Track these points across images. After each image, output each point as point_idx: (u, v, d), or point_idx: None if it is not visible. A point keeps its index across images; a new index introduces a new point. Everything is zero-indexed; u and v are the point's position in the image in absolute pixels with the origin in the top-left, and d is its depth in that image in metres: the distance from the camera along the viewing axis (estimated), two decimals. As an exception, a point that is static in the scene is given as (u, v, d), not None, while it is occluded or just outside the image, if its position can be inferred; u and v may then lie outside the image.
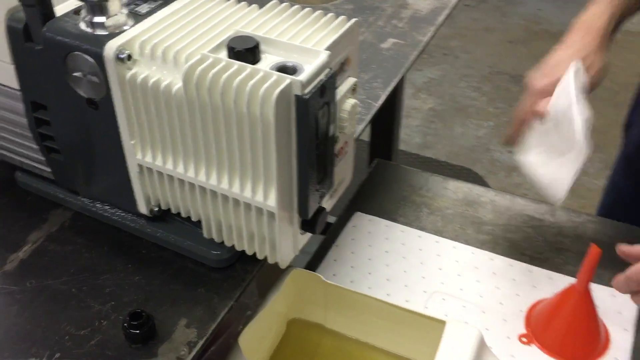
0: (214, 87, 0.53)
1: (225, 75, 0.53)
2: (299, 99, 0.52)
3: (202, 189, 0.60)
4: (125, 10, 0.59)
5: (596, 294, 0.78)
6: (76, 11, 0.60)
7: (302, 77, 0.52)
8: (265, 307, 0.70)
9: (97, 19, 0.57)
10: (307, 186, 0.57)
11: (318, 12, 0.61)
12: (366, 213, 0.98)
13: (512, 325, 0.84)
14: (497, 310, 0.87)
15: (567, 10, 2.72)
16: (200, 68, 0.53)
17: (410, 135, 2.25)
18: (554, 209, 0.99)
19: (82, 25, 0.58)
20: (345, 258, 0.91)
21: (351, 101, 0.59)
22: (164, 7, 0.61)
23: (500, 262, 0.93)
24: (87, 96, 0.60)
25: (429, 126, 2.24)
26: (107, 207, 0.70)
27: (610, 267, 0.78)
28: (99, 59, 0.56)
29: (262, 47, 0.56)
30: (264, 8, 0.62)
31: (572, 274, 0.92)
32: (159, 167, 0.61)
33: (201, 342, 0.59)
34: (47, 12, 0.58)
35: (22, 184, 0.74)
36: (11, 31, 0.60)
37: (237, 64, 0.53)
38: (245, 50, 0.54)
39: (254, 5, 0.63)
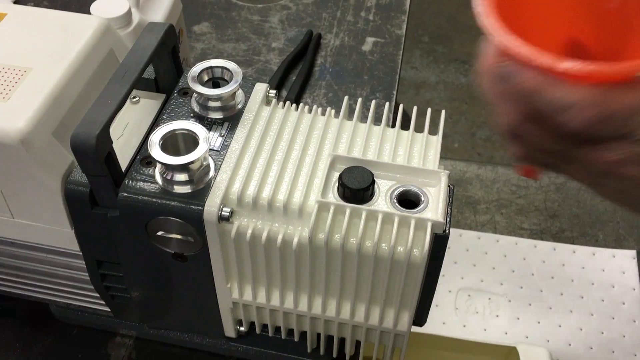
0: (348, 237, 0.49)
1: (361, 226, 0.48)
2: (438, 237, 0.49)
3: (315, 318, 0.57)
4: (205, 154, 0.51)
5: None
6: (145, 161, 0.51)
7: (440, 215, 0.49)
8: None
9: (180, 177, 0.49)
10: (429, 303, 0.56)
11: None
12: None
13: (535, 306, 0.89)
14: (520, 294, 0.92)
15: None
16: (328, 221, 0.48)
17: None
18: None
19: (160, 181, 0.50)
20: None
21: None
22: (232, 132, 0.54)
23: (506, 242, 0.97)
24: (174, 251, 0.53)
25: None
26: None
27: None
28: (197, 221, 0.49)
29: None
30: (339, 118, 0.56)
31: (571, 241, 0.98)
32: (262, 304, 0.56)
33: None
34: (118, 177, 0.49)
35: (65, 318, 0.65)
36: (72, 197, 0.50)
37: (364, 210, 0.49)
38: (363, 190, 0.50)
39: (328, 111, 0.57)
